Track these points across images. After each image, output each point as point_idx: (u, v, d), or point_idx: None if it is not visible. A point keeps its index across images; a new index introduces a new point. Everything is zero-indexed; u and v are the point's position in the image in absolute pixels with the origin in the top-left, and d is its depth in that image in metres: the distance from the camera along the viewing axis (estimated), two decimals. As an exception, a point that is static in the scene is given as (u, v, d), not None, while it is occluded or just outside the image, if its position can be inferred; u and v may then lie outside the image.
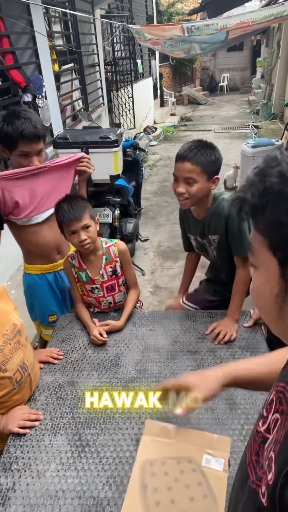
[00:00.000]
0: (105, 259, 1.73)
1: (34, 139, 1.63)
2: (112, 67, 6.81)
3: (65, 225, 1.62)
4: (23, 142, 1.62)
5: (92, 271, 1.74)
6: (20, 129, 1.58)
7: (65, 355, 1.61)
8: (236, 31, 5.03)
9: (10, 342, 1.27)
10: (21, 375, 1.29)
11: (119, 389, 1.40)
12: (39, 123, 1.64)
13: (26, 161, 1.69)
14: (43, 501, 1.06)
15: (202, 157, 1.51)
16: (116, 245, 1.75)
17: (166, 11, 12.29)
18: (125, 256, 1.76)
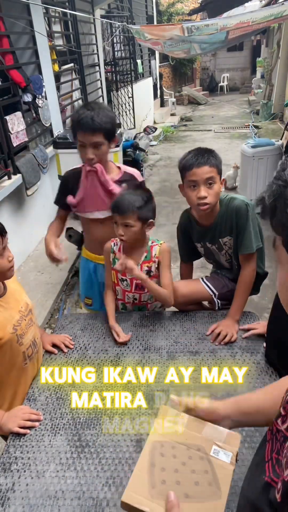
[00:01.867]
0: (145, 257, 1.72)
1: (88, 130, 1.63)
2: (112, 67, 6.82)
3: (112, 213, 1.64)
4: (78, 132, 1.66)
5: None
6: (79, 118, 1.63)
7: (65, 355, 1.61)
8: (236, 31, 5.02)
9: (25, 318, 1.38)
10: (32, 351, 1.40)
11: (119, 389, 1.40)
12: (103, 117, 1.63)
13: (83, 152, 1.71)
14: (43, 502, 1.06)
15: (213, 159, 1.58)
16: (160, 245, 1.73)
17: (166, 11, 12.30)
18: (164, 257, 1.72)
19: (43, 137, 4.21)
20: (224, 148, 7.88)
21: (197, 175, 1.57)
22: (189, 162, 1.59)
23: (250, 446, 1.17)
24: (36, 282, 3.33)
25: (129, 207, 1.58)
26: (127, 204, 1.58)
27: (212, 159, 1.57)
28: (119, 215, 1.59)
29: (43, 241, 2.12)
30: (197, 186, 1.58)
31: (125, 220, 1.59)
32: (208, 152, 1.60)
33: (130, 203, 1.59)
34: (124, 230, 1.61)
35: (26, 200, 3.69)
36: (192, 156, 1.59)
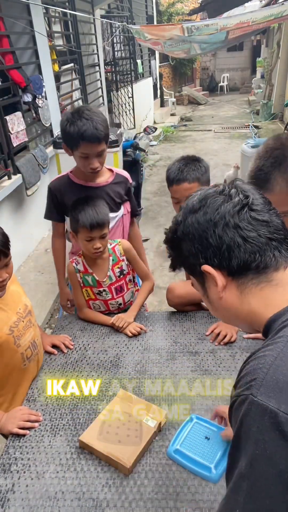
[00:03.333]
0: (112, 260, 1.71)
1: (95, 141, 1.58)
2: (112, 67, 6.81)
3: (83, 230, 1.57)
4: (83, 144, 1.58)
5: (99, 274, 1.71)
6: (81, 130, 1.55)
7: (65, 356, 1.61)
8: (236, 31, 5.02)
9: (23, 320, 1.38)
10: (31, 352, 1.40)
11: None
12: (101, 124, 1.59)
13: (86, 162, 1.66)
14: (43, 503, 1.05)
15: (195, 173, 1.54)
16: (120, 244, 1.74)
17: (166, 11, 12.29)
18: (130, 253, 1.75)
19: (43, 137, 4.21)
20: (224, 148, 7.88)
21: (177, 193, 1.57)
22: (170, 177, 1.58)
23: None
24: (36, 282, 3.33)
25: (105, 218, 1.58)
26: (103, 216, 1.57)
27: (192, 173, 1.53)
28: (98, 230, 1.57)
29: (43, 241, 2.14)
30: (179, 202, 1.58)
31: (103, 231, 1.59)
32: (190, 164, 1.56)
33: (103, 213, 1.58)
34: (101, 242, 1.60)
35: (26, 200, 3.69)
36: (174, 170, 1.57)
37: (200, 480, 1.09)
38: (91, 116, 1.58)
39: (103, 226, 1.57)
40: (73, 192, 1.78)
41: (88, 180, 1.80)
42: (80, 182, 1.81)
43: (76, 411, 1.33)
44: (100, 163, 1.68)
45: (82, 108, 1.62)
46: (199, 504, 1.03)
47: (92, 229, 1.55)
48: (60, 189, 1.83)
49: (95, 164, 1.66)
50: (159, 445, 1.20)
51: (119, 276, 1.73)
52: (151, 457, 1.16)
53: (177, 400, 1.34)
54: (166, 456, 1.16)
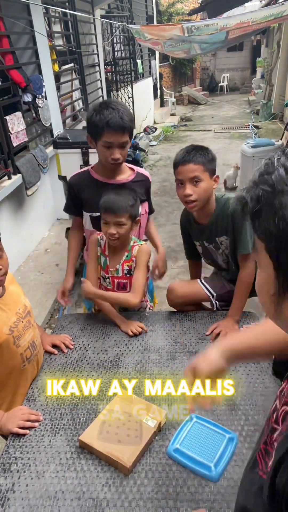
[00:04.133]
0: (126, 256, 1.72)
1: (119, 129, 1.61)
2: (112, 67, 6.82)
3: (102, 212, 1.62)
4: (107, 132, 1.61)
5: (112, 262, 1.73)
6: (107, 119, 1.59)
7: (65, 356, 1.61)
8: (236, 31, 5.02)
9: (22, 320, 1.37)
10: (30, 353, 1.40)
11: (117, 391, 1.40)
12: (127, 116, 1.64)
13: (108, 152, 1.67)
14: (43, 502, 1.06)
15: (201, 157, 1.57)
16: (139, 245, 1.73)
17: (166, 11, 12.29)
18: (141, 257, 1.71)
19: (43, 137, 4.21)
20: (224, 148, 7.88)
21: (182, 174, 1.58)
22: (176, 160, 1.61)
23: (250, 446, 1.17)
24: (36, 282, 3.33)
25: (122, 206, 1.59)
26: (121, 203, 1.59)
27: (199, 157, 1.56)
28: (113, 214, 1.59)
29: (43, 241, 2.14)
30: (183, 184, 1.59)
31: (118, 218, 1.60)
32: (198, 149, 1.59)
33: (123, 202, 1.60)
34: (117, 229, 1.61)
35: (26, 200, 3.69)
36: (181, 154, 1.61)
37: (200, 479, 1.09)
38: (117, 107, 1.63)
39: (117, 212, 1.58)
40: (91, 188, 1.80)
41: (108, 176, 1.80)
42: (99, 178, 1.81)
43: (76, 410, 1.33)
44: (121, 155, 1.69)
45: (109, 100, 1.69)
46: (199, 504, 1.03)
47: (106, 211, 1.59)
48: (79, 184, 1.84)
49: (117, 155, 1.67)
50: (159, 445, 1.20)
51: (126, 274, 1.72)
52: (151, 457, 1.16)
53: (177, 400, 1.34)
54: (166, 455, 1.16)
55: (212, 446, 1.15)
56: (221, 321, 1.70)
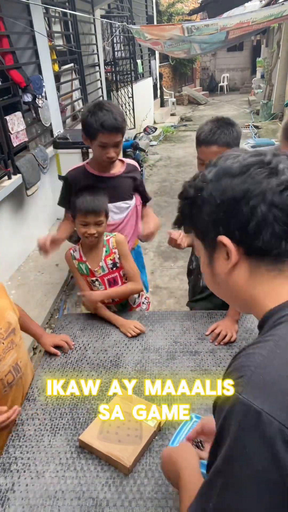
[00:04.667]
0: (105, 251, 1.74)
1: (113, 130, 1.68)
2: (112, 67, 6.82)
3: (80, 214, 1.63)
4: (102, 133, 1.68)
5: (92, 263, 1.74)
6: (101, 120, 1.65)
7: (65, 356, 1.61)
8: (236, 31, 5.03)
9: (3, 341, 1.26)
10: (13, 377, 1.29)
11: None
12: (120, 116, 1.71)
13: (103, 151, 1.75)
14: (42, 502, 1.06)
15: (226, 137, 1.51)
16: (114, 237, 1.76)
17: (166, 11, 12.30)
18: (122, 247, 1.76)
19: (43, 137, 4.21)
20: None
21: (205, 154, 1.54)
22: (201, 137, 1.55)
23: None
24: (36, 282, 3.33)
25: (101, 205, 1.63)
26: (99, 202, 1.62)
27: (223, 137, 1.49)
28: (94, 215, 1.61)
29: (43, 241, 2.13)
30: (204, 163, 1.54)
31: (98, 218, 1.63)
32: (223, 127, 1.51)
33: (100, 200, 1.64)
34: (97, 228, 1.64)
35: (26, 200, 3.69)
36: (206, 131, 1.53)
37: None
38: (111, 108, 1.70)
39: (98, 212, 1.62)
40: (87, 182, 1.85)
41: (102, 171, 1.89)
42: (95, 173, 1.89)
43: (76, 410, 1.33)
44: (116, 153, 1.77)
45: (102, 101, 1.75)
46: (199, 503, 1.03)
47: (87, 214, 1.61)
48: (77, 178, 1.90)
49: (112, 154, 1.76)
50: (159, 445, 1.20)
51: (111, 268, 1.75)
52: (151, 457, 1.16)
53: (177, 400, 1.34)
54: None
55: (212, 445, 1.15)
56: (221, 321, 1.70)
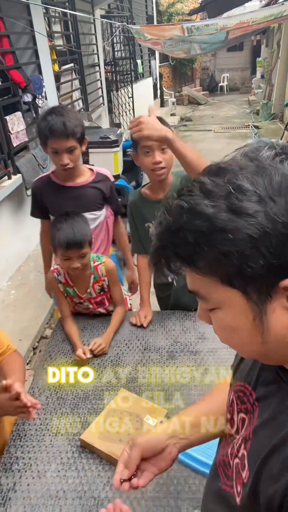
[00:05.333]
0: (93, 278, 1.67)
1: (61, 135, 1.60)
2: (112, 67, 6.82)
3: (61, 249, 1.51)
4: (51, 139, 1.62)
5: (80, 289, 1.68)
6: (49, 125, 1.59)
7: (65, 355, 1.61)
8: (236, 31, 5.03)
9: None
10: None
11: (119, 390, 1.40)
12: (71, 121, 1.61)
13: (57, 158, 1.68)
14: (44, 501, 1.06)
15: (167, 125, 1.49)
16: (104, 264, 1.68)
17: (166, 11, 12.29)
18: (112, 275, 1.69)
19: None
20: (224, 148, 7.88)
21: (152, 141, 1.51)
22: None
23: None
24: (36, 282, 3.33)
25: (83, 237, 1.51)
26: (80, 234, 1.50)
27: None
28: (77, 249, 1.50)
29: (43, 241, 2.15)
30: (151, 152, 1.55)
31: (82, 251, 1.52)
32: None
33: (83, 231, 1.52)
34: (81, 261, 1.54)
35: (26, 200, 3.69)
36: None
37: (201, 478, 1.09)
38: (62, 112, 1.62)
39: (80, 245, 1.50)
40: (52, 193, 1.80)
41: (66, 179, 1.80)
42: (59, 182, 1.81)
43: (77, 410, 1.33)
44: (70, 160, 1.67)
45: (56, 106, 1.68)
46: (200, 503, 1.03)
47: (68, 248, 1.49)
48: (41, 188, 1.84)
49: (65, 160, 1.66)
50: (159, 444, 1.20)
51: (99, 292, 1.71)
52: (152, 456, 1.16)
53: (177, 399, 1.34)
54: None
55: (213, 444, 1.15)
56: None
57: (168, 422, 0.82)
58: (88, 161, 2.94)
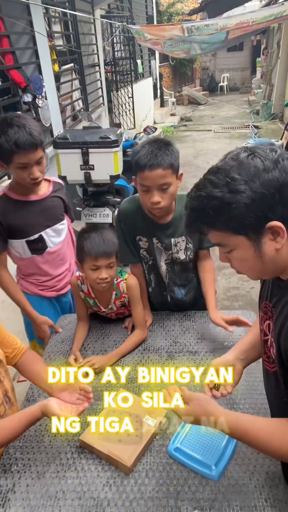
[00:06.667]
0: (115, 295, 1.65)
1: (31, 148, 1.45)
2: (112, 67, 6.81)
3: (89, 258, 1.47)
4: (18, 154, 1.45)
5: (101, 303, 1.67)
6: (14, 139, 1.41)
7: (65, 355, 1.61)
8: (236, 31, 5.03)
9: None
10: (4, 409, 1.20)
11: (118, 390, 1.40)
12: (35, 129, 1.46)
13: (25, 173, 1.52)
14: (43, 502, 1.06)
15: (168, 157, 1.40)
16: (125, 281, 1.64)
17: (166, 11, 12.28)
18: (133, 292, 1.63)
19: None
20: (224, 148, 7.88)
21: (149, 180, 1.41)
22: (141, 162, 1.40)
23: (250, 446, 1.17)
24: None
25: (111, 245, 1.49)
26: (109, 243, 1.48)
27: (166, 158, 1.39)
28: (105, 258, 1.48)
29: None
30: (150, 190, 1.44)
31: (110, 260, 1.50)
32: (163, 148, 1.41)
33: (111, 239, 1.50)
34: (108, 272, 1.50)
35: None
36: (145, 154, 1.40)
37: (201, 478, 1.09)
38: (22, 122, 1.45)
39: (109, 254, 1.48)
40: (15, 211, 1.63)
41: (27, 194, 1.66)
42: (20, 198, 1.65)
43: (76, 410, 1.33)
44: (41, 172, 1.55)
45: (10, 116, 1.48)
46: (199, 503, 1.03)
47: (97, 256, 1.46)
48: (3, 211, 1.62)
49: (36, 174, 1.53)
50: (159, 444, 1.20)
51: (120, 307, 1.69)
52: (152, 456, 1.16)
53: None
54: (167, 455, 1.16)
55: (213, 445, 1.16)
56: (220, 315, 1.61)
57: (231, 350, 1.17)
58: (88, 161, 2.94)
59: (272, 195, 0.74)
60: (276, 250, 0.79)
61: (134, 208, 1.63)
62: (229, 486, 1.06)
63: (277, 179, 0.74)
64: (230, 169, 0.77)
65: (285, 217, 0.76)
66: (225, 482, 1.08)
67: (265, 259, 0.81)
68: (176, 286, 1.76)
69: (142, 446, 1.15)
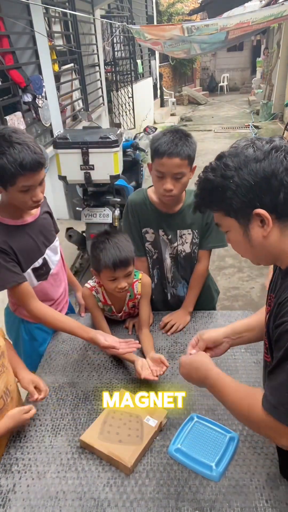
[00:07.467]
0: (129, 296, 1.64)
1: (37, 168, 1.29)
2: (112, 67, 6.81)
3: (107, 270, 1.44)
4: (24, 176, 1.27)
5: (116, 307, 1.68)
6: (19, 159, 1.23)
7: (66, 356, 1.61)
8: (236, 31, 5.03)
9: None
10: (4, 402, 1.18)
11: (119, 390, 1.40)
12: (37, 146, 1.31)
13: (27, 196, 1.34)
14: (44, 502, 1.05)
15: (187, 149, 1.43)
16: (140, 281, 1.64)
17: (166, 11, 12.28)
18: (147, 289, 1.65)
19: (43, 137, 4.21)
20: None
21: (166, 167, 1.44)
22: (161, 149, 1.42)
23: (251, 445, 1.17)
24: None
25: (129, 255, 1.46)
26: (127, 253, 1.45)
27: (185, 149, 1.42)
28: (124, 268, 1.45)
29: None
30: (164, 177, 1.47)
31: (129, 269, 1.48)
32: (183, 138, 1.43)
33: (128, 248, 1.47)
34: (127, 280, 1.49)
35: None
36: (166, 141, 1.42)
37: (201, 479, 1.09)
38: (23, 139, 1.27)
39: (127, 264, 1.45)
40: (14, 237, 1.43)
41: (22, 215, 1.48)
42: (14, 223, 1.45)
43: (77, 411, 1.33)
44: (42, 192, 1.40)
45: (6, 133, 1.26)
46: (200, 504, 1.03)
47: (115, 268, 1.43)
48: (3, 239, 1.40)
49: (40, 196, 1.37)
50: (160, 445, 1.20)
51: (131, 307, 1.70)
52: (152, 457, 1.16)
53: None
54: (167, 455, 1.16)
55: (213, 445, 1.15)
56: (174, 312, 1.75)
57: (226, 327, 1.20)
58: (88, 161, 2.94)
59: (258, 184, 0.79)
60: (263, 237, 0.84)
61: (142, 199, 1.68)
62: (229, 487, 1.06)
63: (264, 169, 0.78)
64: (227, 156, 0.83)
65: (273, 207, 0.80)
66: (226, 483, 1.08)
67: (254, 244, 0.86)
68: (179, 282, 1.78)
69: (142, 446, 1.15)
